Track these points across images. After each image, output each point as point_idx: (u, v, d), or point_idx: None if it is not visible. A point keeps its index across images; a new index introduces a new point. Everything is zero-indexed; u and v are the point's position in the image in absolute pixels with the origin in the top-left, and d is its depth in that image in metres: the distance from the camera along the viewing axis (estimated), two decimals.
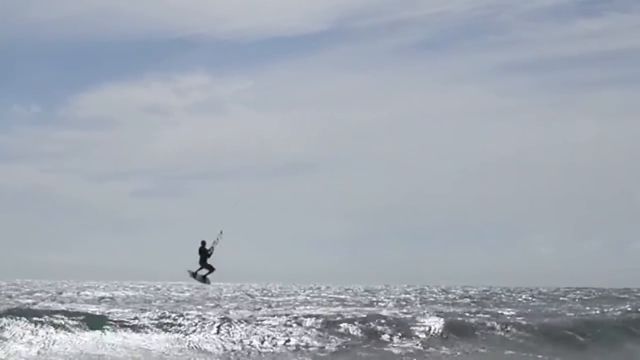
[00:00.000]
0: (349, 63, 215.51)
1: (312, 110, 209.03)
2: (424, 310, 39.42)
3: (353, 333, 28.83)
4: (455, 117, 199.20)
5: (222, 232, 24.16)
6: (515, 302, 56.91)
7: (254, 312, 36.40)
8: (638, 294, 74.22)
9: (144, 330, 28.25)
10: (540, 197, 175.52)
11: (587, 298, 65.00)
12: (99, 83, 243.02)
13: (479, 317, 34.21)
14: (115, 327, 28.34)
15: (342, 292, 77.67)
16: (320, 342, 27.64)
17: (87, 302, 45.39)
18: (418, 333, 28.92)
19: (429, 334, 28.77)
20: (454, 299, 59.87)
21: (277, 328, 28.99)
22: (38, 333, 27.13)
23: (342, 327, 29.40)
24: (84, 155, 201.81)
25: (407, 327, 29.83)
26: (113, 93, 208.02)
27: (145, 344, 26.89)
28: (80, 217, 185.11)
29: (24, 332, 27.09)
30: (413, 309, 42.12)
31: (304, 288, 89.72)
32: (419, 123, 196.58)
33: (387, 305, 47.90)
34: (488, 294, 71.74)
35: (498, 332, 29.49)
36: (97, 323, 28.67)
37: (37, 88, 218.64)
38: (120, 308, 35.22)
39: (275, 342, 27.40)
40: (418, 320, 31.33)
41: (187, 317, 30.49)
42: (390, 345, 27.84)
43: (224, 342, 27.26)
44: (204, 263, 25.10)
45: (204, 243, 24.85)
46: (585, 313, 39.29)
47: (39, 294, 58.28)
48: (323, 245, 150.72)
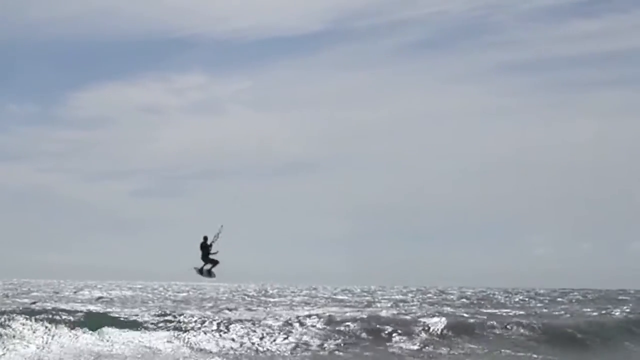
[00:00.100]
0: (349, 63, 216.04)
1: (311, 110, 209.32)
2: (424, 310, 39.35)
3: (353, 332, 28.71)
4: (455, 117, 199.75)
5: (222, 226, 24.22)
6: (512, 302, 56.81)
7: (253, 312, 36.27)
8: (638, 295, 74.31)
9: (143, 330, 28.10)
10: (539, 197, 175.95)
11: (582, 299, 64.97)
12: (97, 83, 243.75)
13: (481, 317, 34.10)
14: (114, 325, 28.08)
15: (342, 292, 77.63)
16: (321, 341, 27.49)
17: (84, 301, 45.15)
18: (419, 332, 28.80)
19: (430, 334, 28.65)
20: (452, 300, 59.76)
21: (276, 328, 28.82)
22: (35, 332, 26.90)
23: (342, 326, 29.26)
24: (83, 155, 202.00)
25: (407, 326, 29.69)
26: (110, 93, 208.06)
27: (145, 344, 26.73)
28: (79, 216, 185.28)
29: (22, 331, 26.84)
30: (413, 309, 42.02)
31: (302, 289, 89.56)
32: (419, 123, 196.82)
33: (386, 306, 47.73)
34: (485, 295, 71.71)
35: (499, 331, 29.34)
36: (95, 322, 28.44)
37: (34, 87, 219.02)
38: (119, 307, 35.05)
39: (275, 342, 27.23)
40: (419, 320, 31.21)
41: (186, 316, 30.35)
42: (392, 345, 27.72)
43: (223, 341, 27.12)
44: (207, 258, 25.08)
45: (206, 238, 24.88)
46: (588, 314, 39.23)
47: (36, 294, 58.12)
48: (322, 246, 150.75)
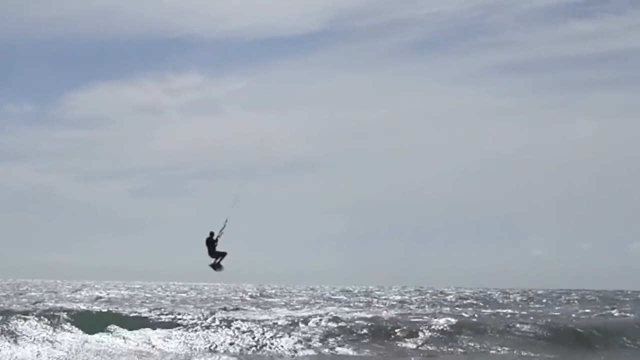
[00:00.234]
0: (348, 62, 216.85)
1: (310, 110, 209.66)
2: (424, 310, 39.37)
3: (355, 332, 28.57)
4: (454, 116, 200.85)
5: (227, 220, 24.31)
6: (511, 303, 56.83)
7: (253, 311, 36.17)
8: (635, 296, 74.46)
9: (143, 330, 27.88)
10: (538, 196, 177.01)
11: (580, 299, 65.04)
12: (95, 83, 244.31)
13: (482, 316, 34.05)
14: (113, 325, 27.92)
15: (340, 292, 77.68)
16: (322, 341, 27.34)
17: (83, 301, 45.07)
18: (421, 332, 28.64)
19: (432, 333, 28.50)
20: (452, 301, 59.76)
21: (276, 327, 28.65)
22: (34, 331, 26.73)
23: (343, 326, 29.11)
24: (81, 155, 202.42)
25: (409, 325, 29.55)
26: (108, 93, 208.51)
27: (144, 343, 26.58)
28: (78, 216, 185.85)
29: (21, 330, 26.64)
30: (413, 308, 42.07)
31: (301, 289, 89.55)
32: (418, 123, 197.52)
33: (386, 306, 47.71)
34: (483, 296, 71.77)
35: (501, 331, 29.19)
36: (94, 322, 28.32)
37: (33, 87, 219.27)
38: (118, 307, 34.92)
39: (276, 342, 27.07)
40: (420, 319, 31.16)
41: (185, 316, 30.26)
42: (394, 344, 27.57)
43: (223, 342, 26.95)
44: (214, 252, 25.11)
45: (212, 234, 24.93)
46: (588, 314, 39.25)
47: (34, 293, 58.05)
48: (322, 245, 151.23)
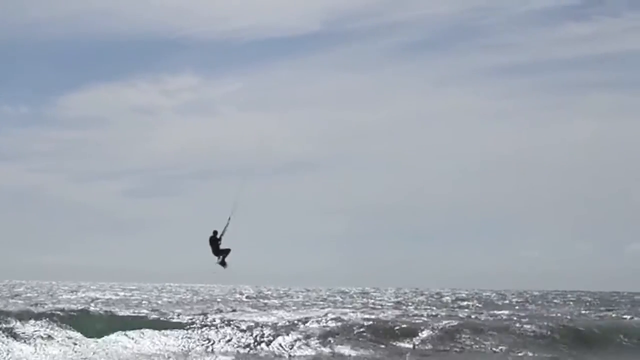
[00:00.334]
0: (348, 63, 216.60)
1: (309, 110, 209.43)
2: (423, 311, 39.30)
3: (356, 332, 28.48)
4: (453, 117, 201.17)
5: (230, 218, 24.06)
6: (509, 304, 56.85)
7: (252, 313, 36.08)
8: (632, 297, 74.57)
9: (139, 330, 27.78)
10: (537, 198, 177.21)
11: (578, 300, 65.09)
12: (90, 83, 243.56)
13: (482, 316, 34.00)
14: (112, 326, 27.84)
15: (341, 293, 77.65)
16: (323, 341, 27.19)
17: (80, 302, 44.91)
18: (421, 332, 28.58)
19: (433, 333, 28.42)
20: (448, 302, 59.75)
21: (276, 328, 28.54)
22: (30, 332, 26.61)
23: (344, 326, 29.00)
24: (76, 155, 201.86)
25: (409, 326, 29.46)
26: (104, 93, 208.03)
27: (141, 344, 26.51)
28: (73, 217, 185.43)
29: (17, 332, 26.52)
30: (412, 309, 42.02)
31: (298, 291, 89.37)
32: (417, 123, 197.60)
33: (385, 306, 47.62)
34: (478, 297, 71.77)
35: (501, 331, 29.10)
36: (93, 322, 28.32)
37: (27, 88, 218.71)
38: (115, 308, 34.80)
39: (276, 342, 26.95)
40: (420, 320, 31.12)
41: (183, 316, 30.17)
42: (394, 345, 27.50)
43: (223, 342, 26.89)
44: (219, 250, 25.00)
45: (216, 233, 24.82)
46: (589, 314, 39.29)
47: (29, 294, 57.88)
48: (321, 246, 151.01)
